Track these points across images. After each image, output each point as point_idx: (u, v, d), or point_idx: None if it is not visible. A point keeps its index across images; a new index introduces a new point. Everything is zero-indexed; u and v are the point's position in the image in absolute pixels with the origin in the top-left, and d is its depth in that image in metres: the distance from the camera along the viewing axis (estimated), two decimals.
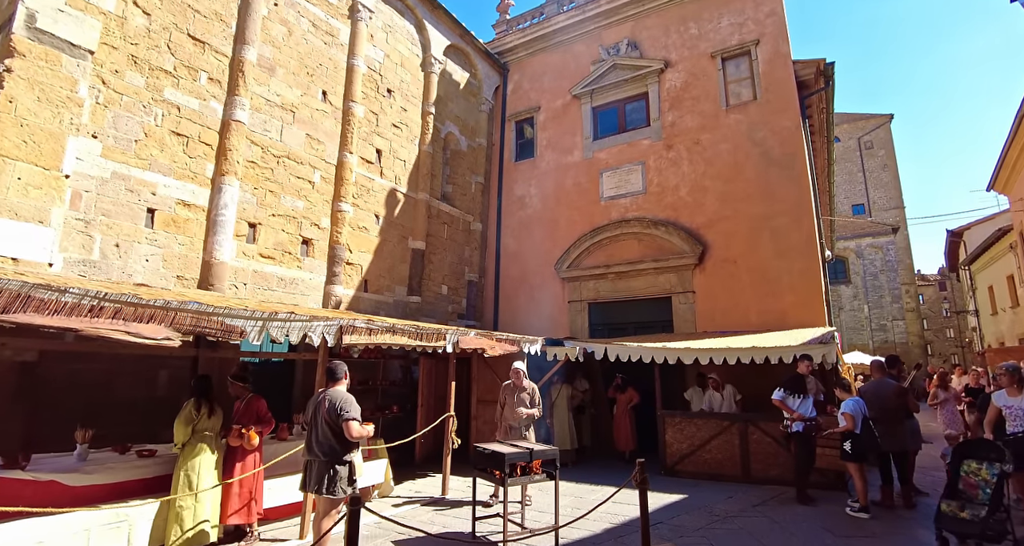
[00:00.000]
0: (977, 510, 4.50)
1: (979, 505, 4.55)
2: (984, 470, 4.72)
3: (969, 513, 4.53)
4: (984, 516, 4.41)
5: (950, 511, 4.67)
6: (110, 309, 3.53)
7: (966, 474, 4.85)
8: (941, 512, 4.71)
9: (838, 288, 29.22)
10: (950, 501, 4.73)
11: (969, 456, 4.92)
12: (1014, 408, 5.18)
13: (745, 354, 7.43)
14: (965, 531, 4.51)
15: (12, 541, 3.62)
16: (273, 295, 8.02)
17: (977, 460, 4.85)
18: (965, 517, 4.54)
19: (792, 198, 9.64)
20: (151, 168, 6.79)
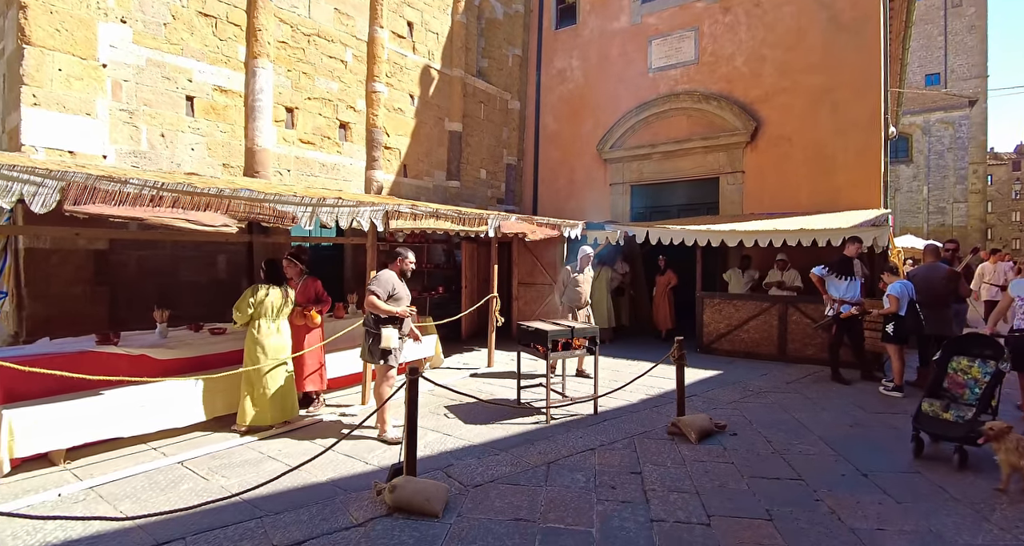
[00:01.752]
0: (963, 411, 4.10)
1: (965, 406, 4.16)
2: (975, 368, 4.32)
3: (953, 414, 4.14)
4: (970, 418, 4.01)
5: (931, 411, 4.27)
6: (169, 198, 3.68)
7: (954, 371, 4.44)
8: (921, 411, 4.31)
9: (897, 168, 27.36)
10: (932, 400, 4.33)
11: (960, 352, 4.49)
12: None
13: (792, 236, 7.27)
14: (946, 433, 4.09)
15: (120, 404, 4.19)
16: (316, 181, 8.14)
17: (969, 357, 4.42)
18: (948, 418, 4.15)
19: (858, 68, 8.75)
20: (184, 53, 6.64)
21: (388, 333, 4.50)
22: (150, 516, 3.13)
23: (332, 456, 4.12)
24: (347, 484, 3.69)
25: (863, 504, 3.40)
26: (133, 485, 3.62)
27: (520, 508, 3.35)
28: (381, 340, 4.49)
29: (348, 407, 5.45)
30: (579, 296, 6.69)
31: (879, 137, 8.75)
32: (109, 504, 3.34)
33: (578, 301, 6.71)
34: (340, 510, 3.30)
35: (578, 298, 6.70)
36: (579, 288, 6.68)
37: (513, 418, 5.16)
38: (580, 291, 6.69)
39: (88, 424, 4.01)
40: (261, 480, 3.56)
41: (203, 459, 4.10)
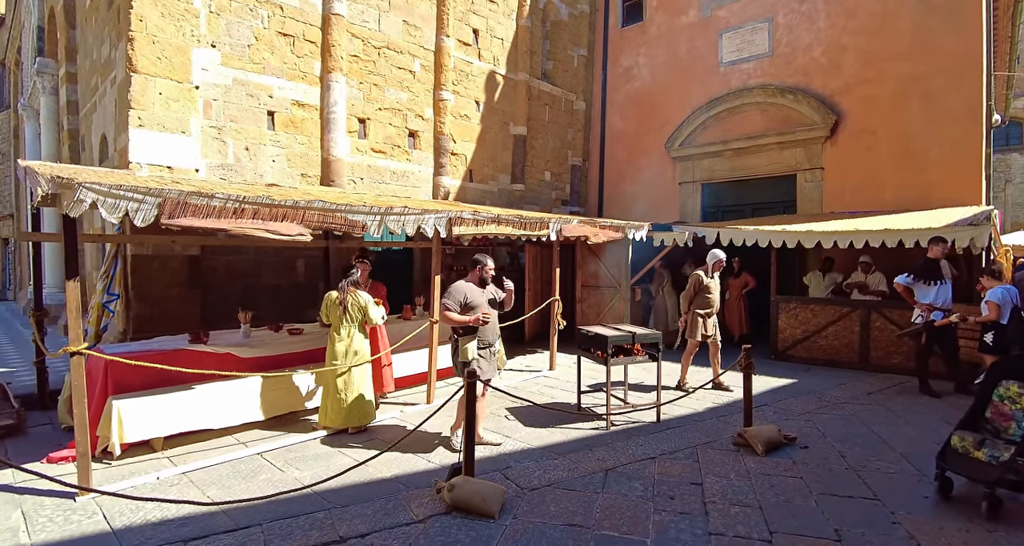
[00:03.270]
0: (999, 450, 3.38)
1: (1005, 443, 3.43)
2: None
3: (987, 453, 3.42)
4: (1006, 460, 3.27)
5: (961, 446, 3.57)
6: (250, 210, 3.99)
7: (1000, 399, 3.68)
8: (949, 446, 3.62)
9: (1008, 157, 24.68)
10: (966, 433, 3.62)
11: (1012, 376, 3.70)
12: None
13: (875, 237, 6.80)
14: (975, 476, 3.39)
15: (209, 398, 4.60)
16: (387, 188, 8.49)
17: (1021, 382, 3.61)
18: (979, 457, 3.44)
19: (955, 53, 8.04)
20: (265, 71, 7.14)
21: (466, 345, 4.41)
22: (232, 503, 3.41)
23: (396, 453, 4.31)
24: (409, 481, 3.86)
25: (947, 531, 3.16)
26: (219, 473, 3.96)
27: (575, 513, 3.38)
28: (459, 352, 4.43)
29: (414, 406, 5.67)
30: (709, 303, 6.31)
31: (980, 126, 8.01)
32: (198, 489, 3.68)
33: (709, 308, 6.34)
34: (402, 506, 3.46)
35: (709, 305, 6.33)
36: (709, 295, 6.29)
37: (573, 423, 5.17)
38: (711, 298, 6.30)
39: (183, 415, 4.43)
40: (331, 473, 3.79)
41: (279, 452, 4.41)
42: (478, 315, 4.46)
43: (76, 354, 3.56)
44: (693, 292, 6.34)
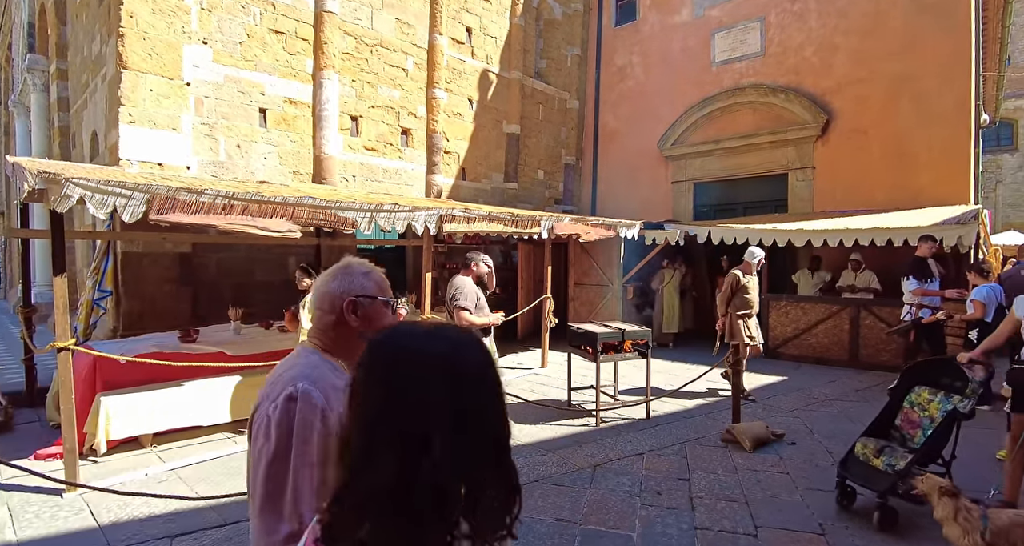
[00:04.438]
0: (896, 459, 3.22)
1: (905, 452, 3.28)
2: (935, 404, 3.39)
3: (884, 461, 3.26)
4: (902, 468, 3.12)
5: (863, 454, 3.40)
6: (239, 206, 3.99)
7: (910, 406, 3.53)
8: (852, 454, 3.46)
9: (999, 157, 24.82)
10: (869, 440, 3.45)
11: (924, 382, 3.53)
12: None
13: (864, 235, 6.86)
14: (869, 484, 3.23)
15: (199, 395, 4.60)
16: (380, 186, 8.48)
17: (933, 389, 3.46)
18: (877, 465, 3.28)
19: (945, 53, 8.10)
20: (257, 68, 7.12)
21: None
22: (221, 497, 3.42)
23: None
24: None
25: (926, 526, 3.20)
26: (209, 469, 3.97)
27: (562, 508, 3.40)
28: None
29: None
30: (748, 303, 6.00)
31: (968, 127, 8.08)
32: (187, 485, 3.68)
33: (748, 308, 6.04)
34: None
35: (748, 306, 6.02)
36: (748, 295, 5.98)
37: (563, 420, 5.20)
38: (749, 298, 6.00)
39: (172, 412, 4.42)
40: None
41: None
42: (496, 316, 4.47)
43: (63, 350, 3.55)
44: (731, 292, 6.03)
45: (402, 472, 0.65)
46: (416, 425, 0.67)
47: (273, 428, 1.09)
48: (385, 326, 1.19)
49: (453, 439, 0.67)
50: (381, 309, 1.32)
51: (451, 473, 0.66)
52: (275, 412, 1.10)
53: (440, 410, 0.68)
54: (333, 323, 1.29)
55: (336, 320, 1.29)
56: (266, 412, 1.12)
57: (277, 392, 1.13)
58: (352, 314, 1.28)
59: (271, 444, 1.08)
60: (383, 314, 1.32)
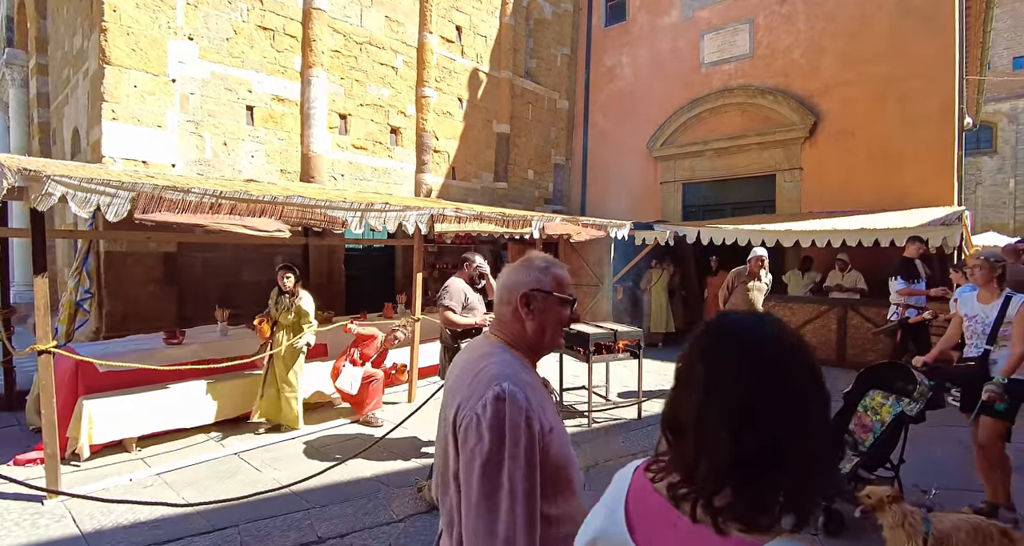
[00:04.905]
0: (843, 463, 3.20)
1: (853, 455, 3.26)
2: (887, 407, 3.34)
3: None
4: (848, 472, 3.10)
5: None
6: (227, 205, 3.91)
7: (864, 410, 3.48)
8: None
9: (979, 160, 25.30)
10: None
11: (879, 385, 3.50)
12: (976, 319, 3.41)
13: (852, 236, 6.92)
14: None
15: (184, 397, 4.51)
16: (368, 185, 8.40)
17: (886, 392, 3.43)
18: None
19: (930, 56, 8.20)
20: (244, 65, 7.01)
21: None
22: (208, 504, 3.34)
23: (377, 452, 4.26)
24: (390, 480, 3.82)
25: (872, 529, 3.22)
26: (195, 474, 3.88)
27: None
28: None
29: (394, 405, 5.61)
30: (747, 303, 5.80)
31: (952, 129, 8.19)
32: (173, 491, 3.59)
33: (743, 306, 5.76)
34: (382, 505, 3.42)
35: (745, 305, 5.79)
36: (749, 296, 5.81)
37: None
38: (752, 299, 5.80)
39: (157, 415, 4.33)
40: (310, 473, 3.74)
41: (257, 451, 4.33)
42: (482, 318, 4.32)
43: (44, 353, 3.46)
44: (727, 291, 5.91)
45: (746, 442, 0.71)
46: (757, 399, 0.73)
47: (485, 428, 1.11)
48: (568, 321, 1.33)
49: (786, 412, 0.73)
50: (555, 305, 1.31)
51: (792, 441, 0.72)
52: (484, 412, 1.12)
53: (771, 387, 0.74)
54: (510, 316, 1.32)
55: (512, 312, 1.31)
56: (474, 411, 1.14)
57: (481, 391, 1.15)
58: (525, 307, 1.29)
59: (484, 444, 1.11)
60: (558, 310, 1.32)
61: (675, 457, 0.80)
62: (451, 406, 1.21)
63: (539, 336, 1.31)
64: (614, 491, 0.89)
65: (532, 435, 1.12)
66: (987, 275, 3.32)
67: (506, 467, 1.09)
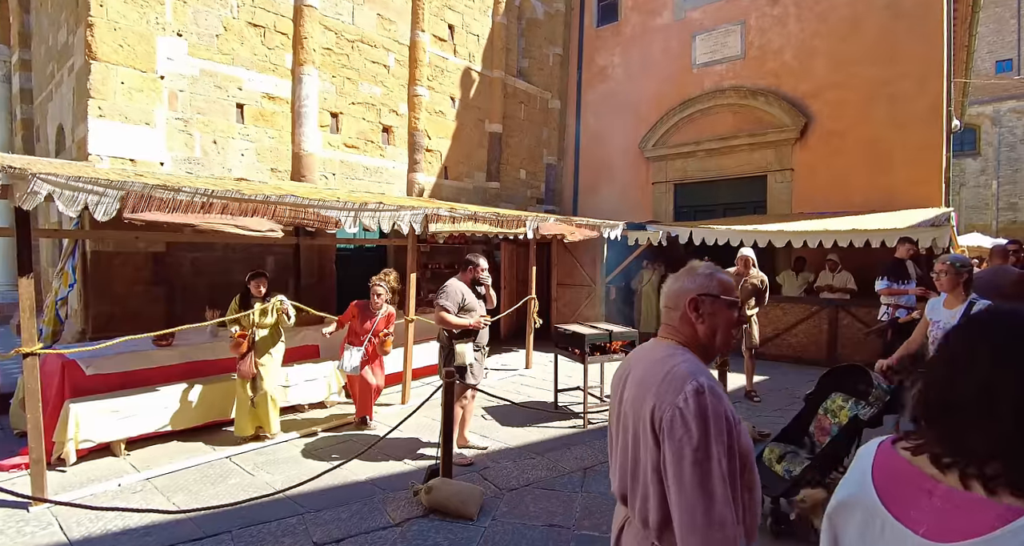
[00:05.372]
0: (795, 465, 3.17)
1: (804, 458, 3.23)
2: (846, 410, 3.27)
3: (784, 467, 3.18)
4: (797, 475, 3.07)
5: (768, 459, 3.34)
6: (218, 205, 3.84)
7: (824, 413, 3.43)
8: (760, 458, 3.37)
9: (963, 162, 25.68)
10: (777, 445, 3.41)
11: (840, 388, 3.46)
12: (939, 325, 3.39)
13: (843, 237, 6.97)
14: (768, 491, 3.08)
15: (173, 399, 4.44)
16: (360, 184, 8.33)
17: (846, 395, 3.38)
18: (777, 471, 3.21)
19: (919, 58, 8.28)
20: (234, 63, 6.91)
21: (462, 348, 4.16)
22: (200, 510, 3.27)
23: (372, 455, 4.21)
24: (386, 483, 3.77)
25: None
26: (186, 478, 3.81)
27: (555, 514, 3.35)
28: (455, 356, 4.16)
29: (388, 406, 5.56)
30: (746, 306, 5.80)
31: (940, 131, 8.28)
32: (163, 496, 3.52)
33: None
34: (378, 509, 3.38)
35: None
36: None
37: (550, 422, 5.15)
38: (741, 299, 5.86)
39: (146, 417, 4.24)
40: (304, 477, 3.68)
41: (250, 455, 4.27)
42: (478, 319, 4.29)
43: (30, 355, 3.37)
44: None
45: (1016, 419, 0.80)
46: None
47: (692, 419, 1.20)
48: (737, 322, 1.43)
49: None
50: (724, 308, 1.40)
51: None
52: (687, 405, 1.22)
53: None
54: (679, 320, 1.43)
55: (681, 316, 1.42)
56: (676, 405, 1.23)
57: (679, 387, 1.25)
58: (694, 311, 1.40)
59: (692, 434, 1.19)
60: (726, 312, 1.41)
61: (939, 433, 0.89)
62: (643, 404, 1.30)
63: (711, 338, 1.41)
64: (860, 464, 0.99)
65: (729, 424, 1.23)
66: (953, 280, 3.28)
67: (715, 454, 1.18)
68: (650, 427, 1.27)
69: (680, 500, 1.19)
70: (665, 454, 1.23)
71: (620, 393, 1.47)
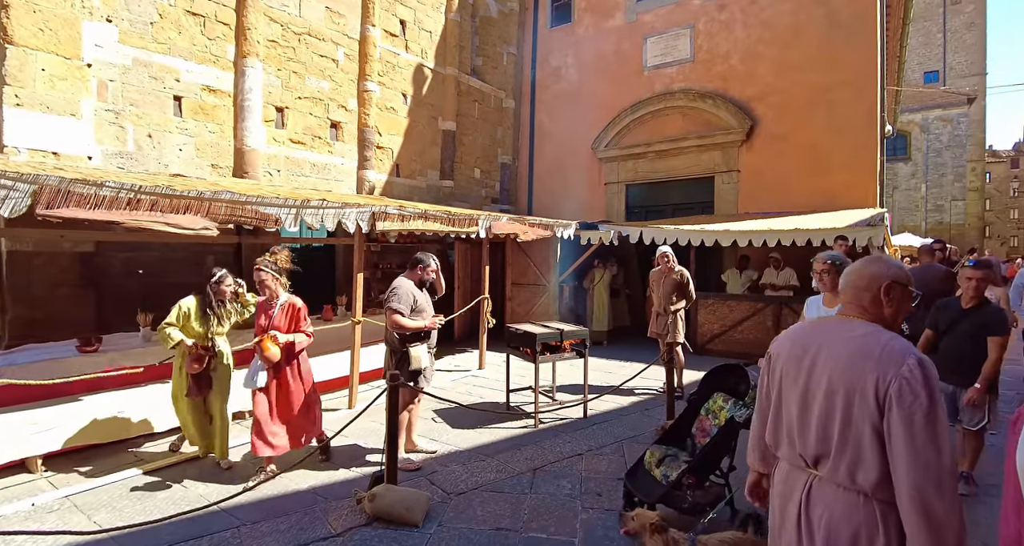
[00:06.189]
0: (672, 469, 3.08)
1: (685, 461, 3.13)
2: (725, 411, 3.17)
3: (662, 472, 3.11)
4: (674, 479, 3.00)
5: (649, 463, 3.25)
6: (147, 201, 3.61)
7: (706, 413, 3.33)
8: (641, 461, 3.33)
9: (895, 166, 27.27)
10: (658, 448, 3.31)
11: (722, 387, 3.37)
12: None
13: (786, 236, 7.21)
14: (640, 496, 3.07)
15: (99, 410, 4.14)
16: (307, 181, 8.07)
17: (727, 395, 3.29)
18: (656, 476, 3.13)
19: (855, 66, 8.67)
20: (171, 52, 6.57)
21: (417, 352, 4.01)
22: (124, 528, 3.06)
23: (314, 462, 4.06)
24: (328, 492, 3.64)
25: None
26: (110, 494, 3.56)
27: (503, 517, 3.30)
28: (411, 361, 3.98)
29: (335, 412, 5.38)
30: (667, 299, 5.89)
31: (875, 136, 8.68)
32: (84, 515, 3.28)
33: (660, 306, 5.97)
34: (320, 519, 3.25)
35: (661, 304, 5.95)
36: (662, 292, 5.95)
37: (502, 423, 5.10)
38: (663, 294, 5.93)
39: (65, 430, 3.95)
40: (241, 488, 3.50)
41: (183, 466, 4.04)
42: (432, 320, 4.15)
43: None
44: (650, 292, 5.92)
45: None
46: None
47: (920, 387, 1.41)
48: (909, 313, 1.64)
49: None
50: (907, 297, 1.61)
51: None
52: (912, 374, 1.42)
53: None
54: (869, 300, 1.61)
55: (872, 298, 1.61)
56: (901, 376, 1.42)
57: (899, 360, 1.44)
58: (886, 296, 1.59)
59: (922, 399, 1.40)
60: (908, 302, 1.62)
61: None
62: (861, 375, 1.48)
63: (894, 320, 1.61)
64: None
65: (940, 390, 1.45)
66: (835, 279, 3.12)
67: (940, 414, 1.40)
68: (872, 395, 1.45)
69: (912, 457, 1.38)
70: (893, 418, 1.42)
71: (808, 365, 1.63)
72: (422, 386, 4.13)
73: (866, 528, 1.46)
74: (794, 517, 1.62)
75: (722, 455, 3.10)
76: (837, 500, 1.52)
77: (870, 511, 1.46)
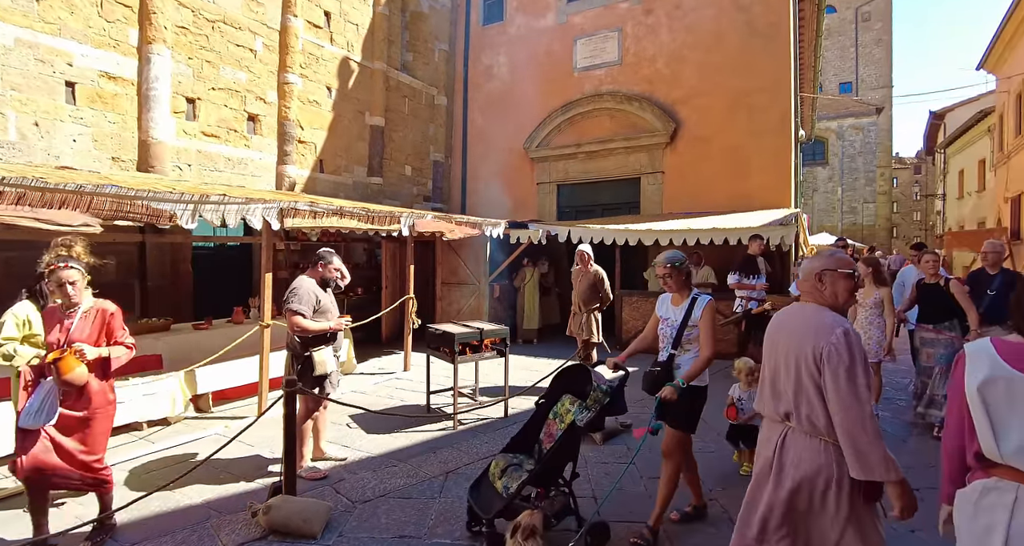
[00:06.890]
0: (513, 480, 2.86)
1: (527, 471, 2.91)
2: (571, 414, 2.99)
3: (503, 483, 2.88)
4: (513, 491, 2.78)
5: (493, 473, 3.02)
6: (11, 194, 3.27)
7: (554, 417, 3.12)
8: (486, 472, 3.10)
9: (815, 170, 29.04)
10: (503, 457, 3.09)
11: (570, 390, 3.18)
12: (668, 322, 3.23)
13: (705, 235, 7.46)
14: (485, 511, 2.83)
15: None
16: (221, 177, 7.64)
17: (574, 397, 3.10)
18: (497, 489, 2.89)
19: (772, 73, 9.09)
20: (61, 34, 6.04)
21: (323, 357, 3.78)
22: None
23: (211, 474, 3.81)
24: (222, 505, 3.41)
25: None
26: None
27: (407, 524, 3.19)
28: (315, 366, 3.74)
29: (242, 419, 5.10)
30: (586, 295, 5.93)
31: (789, 140, 9.12)
32: None
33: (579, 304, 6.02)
34: (209, 535, 3.04)
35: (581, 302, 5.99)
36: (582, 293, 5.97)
37: (421, 425, 4.99)
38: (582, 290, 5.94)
39: None
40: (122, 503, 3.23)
41: None
42: (338, 321, 3.93)
43: None
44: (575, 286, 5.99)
45: None
46: None
47: (843, 350, 1.85)
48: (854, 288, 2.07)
49: None
50: (840, 278, 2.02)
51: None
52: (839, 341, 1.87)
53: None
54: (810, 287, 2.06)
55: (811, 285, 2.06)
56: (829, 343, 1.88)
57: (830, 330, 1.90)
58: (819, 281, 2.04)
59: (846, 359, 1.85)
60: (841, 281, 2.02)
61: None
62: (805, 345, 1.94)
63: (834, 299, 2.03)
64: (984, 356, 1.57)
65: (864, 354, 1.89)
66: (679, 280, 3.11)
67: (859, 371, 1.84)
68: (812, 360, 1.91)
69: (839, 401, 1.83)
70: (825, 376, 1.87)
71: (776, 340, 2.12)
72: (328, 392, 3.94)
73: (825, 465, 1.91)
74: (769, 457, 2.06)
75: (566, 461, 2.94)
76: (805, 446, 1.96)
77: (828, 453, 1.90)
